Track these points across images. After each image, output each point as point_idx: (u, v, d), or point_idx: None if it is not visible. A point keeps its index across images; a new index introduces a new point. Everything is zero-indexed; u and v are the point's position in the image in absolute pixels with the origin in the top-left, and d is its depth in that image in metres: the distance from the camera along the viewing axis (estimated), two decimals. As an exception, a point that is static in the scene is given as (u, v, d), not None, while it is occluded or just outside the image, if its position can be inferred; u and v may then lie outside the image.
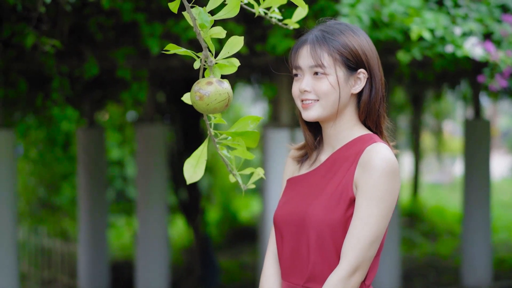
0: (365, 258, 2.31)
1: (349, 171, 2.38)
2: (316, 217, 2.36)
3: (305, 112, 2.44)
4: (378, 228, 2.31)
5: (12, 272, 6.24)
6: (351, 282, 2.30)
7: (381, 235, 2.33)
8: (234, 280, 9.94)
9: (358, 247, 2.30)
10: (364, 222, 2.30)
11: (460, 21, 4.88)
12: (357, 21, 4.57)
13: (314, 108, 2.42)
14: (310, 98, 2.41)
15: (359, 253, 2.30)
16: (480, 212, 8.75)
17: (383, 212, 2.31)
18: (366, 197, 2.31)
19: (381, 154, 2.33)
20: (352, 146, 2.43)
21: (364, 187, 2.32)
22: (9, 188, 6.23)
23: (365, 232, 2.30)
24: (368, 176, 2.32)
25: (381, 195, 2.30)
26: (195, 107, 2.08)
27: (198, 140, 9.64)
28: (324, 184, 2.42)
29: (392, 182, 2.32)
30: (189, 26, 5.21)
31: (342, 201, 2.35)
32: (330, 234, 2.34)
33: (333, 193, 2.38)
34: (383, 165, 2.31)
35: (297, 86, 2.45)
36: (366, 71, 2.43)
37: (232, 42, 2.09)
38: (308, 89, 2.41)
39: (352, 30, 2.44)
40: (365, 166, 2.33)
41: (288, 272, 2.47)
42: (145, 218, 8.16)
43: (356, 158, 2.38)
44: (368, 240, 2.30)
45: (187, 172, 2.18)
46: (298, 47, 2.46)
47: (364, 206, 2.31)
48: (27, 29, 4.52)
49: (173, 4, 2.05)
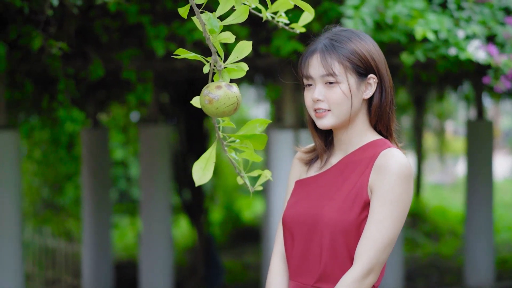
0: (379, 261, 2.35)
1: (363, 174, 2.42)
2: (331, 218, 2.39)
3: (319, 121, 2.46)
4: (393, 231, 2.36)
5: (17, 272, 6.27)
6: (364, 283, 2.34)
7: (395, 238, 2.37)
8: (237, 280, 9.97)
9: (373, 249, 2.34)
10: (379, 225, 2.34)
11: (463, 23, 4.91)
12: (361, 23, 4.60)
13: (328, 117, 2.45)
14: (323, 107, 2.44)
15: (373, 255, 2.34)
16: (483, 212, 8.78)
17: (398, 215, 2.36)
18: (381, 201, 2.35)
19: (396, 158, 2.38)
20: (366, 150, 2.47)
21: (379, 190, 2.36)
22: (14, 188, 6.26)
23: (380, 234, 2.34)
24: (384, 180, 2.36)
25: (396, 199, 2.35)
26: (205, 110, 2.11)
27: (202, 141, 9.67)
28: (338, 187, 2.45)
29: (407, 186, 2.37)
30: (194, 28, 5.24)
31: (357, 204, 2.39)
32: (343, 236, 2.38)
33: (347, 196, 2.41)
34: (399, 169, 2.36)
35: (310, 95, 2.47)
36: (375, 76, 2.47)
37: (241, 47, 2.12)
38: (321, 98, 2.44)
39: (358, 36, 2.47)
40: (381, 170, 2.38)
41: (297, 272, 2.50)
42: (149, 219, 8.20)
43: (371, 162, 2.42)
44: (383, 242, 2.34)
45: (196, 174, 2.21)
46: (308, 57, 2.48)
47: (379, 209, 2.35)
48: (34, 32, 4.56)
49: (183, 9, 2.09)
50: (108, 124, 10.52)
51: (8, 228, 6.23)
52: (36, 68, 5.97)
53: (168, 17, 5.52)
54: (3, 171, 6.21)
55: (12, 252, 6.24)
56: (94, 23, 5.36)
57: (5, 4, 4.59)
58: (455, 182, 18.60)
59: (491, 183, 8.90)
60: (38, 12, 4.35)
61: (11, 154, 6.23)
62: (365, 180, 2.41)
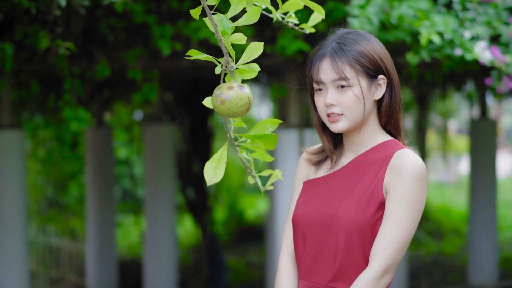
0: (395, 261, 2.37)
1: (378, 175, 2.44)
2: (346, 218, 2.41)
3: (333, 126, 2.47)
4: (409, 231, 2.38)
5: (23, 271, 6.29)
6: (381, 283, 2.36)
7: (410, 238, 2.39)
8: (241, 279, 9.99)
9: (390, 250, 2.36)
10: (396, 225, 2.36)
11: (468, 24, 4.92)
12: (367, 23, 4.61)
13: (341, 121, 2.46)
14: (336, 111, 2.45)
15: (390, 256, 2.36)
16: (486, 211, 8.79)
17: (414, 215, 2.38)
18: (398, 201, 2.37)
19: (411, 159, 2.40)
20: (378, 151, 2.49)
21: (396, 191, 2.38)
22: (19, 187, 6.28)
23: (397, 235, 2.36)
24: (400, 181, 2.38)
25: (412, 199, 2.38)
26: (216, 111, 2.12)
27: (206, 140, 9.69)
28: (351, 187, 2.47)
29: (423, 186, 2.39)
30: (199, 28, 5.26)
31: (372, 204, 2.41)
32: (358, 236, 2.39)
33: (362, 196, 2.43)
34: (414, 170, 2.38)
35: (322, 100, 2.48)
36: (385, 76, 2.48)
37: (253, 47, 2.14)
38: (334, 102, 2.44)
39: (365, 38, 2.49)
40: (396, 171, 2.40)
41: (309, 272, 2.51)
42: (153, 217, 8.22)
43: (385, 163, 2.44)
44: (399, 243, 2.37)
45: (207, 174, 2.23)
46: (318, 62, 2.48)
47: (396, 209, 2.37)
48: (41, 32, 4.57)
49: (195, 10, 2.10)
50: (112, 123, 10.54)
51: (13, 227, 6.26)
52: (41, 68, 5.98)
53: (173, 17, 5.53)
54: (9, 170, 6.23)
55: (17, 251, 6.26)
56: (100, 23, 5.38)
57: (12, 4, 4.60)
58: (458, 181, 18.61)
59: (495, 181, 8.91)
60: (45, 12, 4.36)
61: (17, 153, 6.25)
62: (380, 180, 2.42)
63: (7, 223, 6.23)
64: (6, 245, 6.22)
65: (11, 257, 6.22)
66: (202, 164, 9.68)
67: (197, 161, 9.70)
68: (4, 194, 6.23)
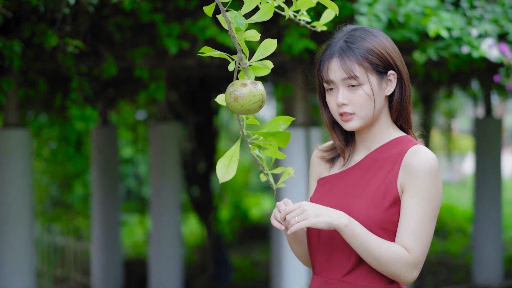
0: (424, 256, 2.39)
1: (392, 171, 2.44)
2: (361, 214, 2.41)
3: (346, 125, 2.47)
4: (432, 227, 2.40)
5: (29, 271, 6.29)
6: (412, 274, 2.38)
7: (432, 234, 2.41)
8: (246, 278, 10.00)
9: (419, 246, 2.38)
10: (420, 224, 2.37)
11: (476, 22, 4.91)
12: (375, 20, 4.61)
13: (354, 120, 2.46)
14: (348, 110, 2.45)
15: (422, 250, 2.38)
16: (491, 210, 8.79)
17: (435, 210, 2.40)
18: (417, 199, 2.38)
19: (424, 155, 2.41)
20: (391, 147, 2.49)
21: (413, 189, 2.39)
22: (26, 186, 6.28)
23: (425, 232, 2.38)
24: (417, 178, 2.39)
25: (431, 195, 2.39)
26: (230, 108, 2.12)
27: (211, 138, 9.69)
28: (365, 183, 2.47)
29: (438, 181, 2.40)
30: (206, 26, 5.26)
31: (386, 200, 2.41)
32: (372, 231, 2.40)
33: (376, 192, 2.43)
34: (429, 165, 2.39)
35: (333, 99, 2.48)
36: (395, 71, 2.48)
37: (266, 44, 2.15)
38: (346, 101, 2.44)
39: (372, 34, 2.48)
40: (411, 168, 2.40)
41: (323, 267, 2.52)
42: (158, 217, 8.22)
43: (399, 160, 2.44)
44: (427, 240, 2.39)
45: (220, 171, 2.23)
46: (326, 61, 2.47)
47: (416, 207, 2.38)
48: (49, 30, 4.57)
49: (208, 8, 2.11)
50: (117, 122, 10.55)
51: (19, 225, 6.26)
52: (48, 67, 5.99)
53: (180, 15, 5.54)
54: (15, 169, 6.23)
55: (24, 250, 6.26)
56: (106, 21, 5.38)
57: (20, 2, 4.61)
58: (462, 180, 18.60)
59: (500, 181, 8.91)
60: (54, 10, 4.37)
61: (23, 152, 6.25)
62: (394, 177, 2.43)
63: (14, 222, 6.23)
64: (13, 244, 6.22)
65: (17, 257, 6.22)
66: (207, 163, 9.69)
67: (201, 160, 9.70)
68: (10, 193, 6.23)
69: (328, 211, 2.36)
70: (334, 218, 2.35)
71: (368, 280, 2.44)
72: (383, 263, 2.36)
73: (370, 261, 2.38)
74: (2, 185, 6.19)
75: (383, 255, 2.35)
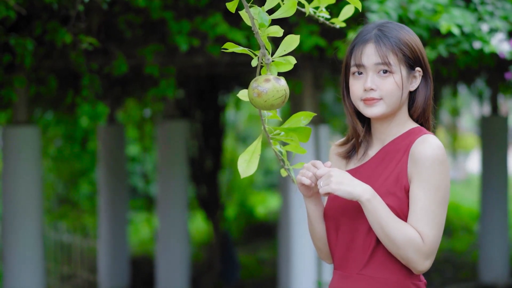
0: (437, 245, 2.40)
1: (401, 161, 2.46)
2: None
3: (369, 109, 2.49)
4: (443, 216, 2.41)
5: (38, 269, 6.29)
6: (425, 265, 2.40)
7: (444, 221, 2.42)
8: (253, 276, 10.01)
9: (431, 234, 2.39)
10: (429, 212, 2.39)
11: (487, 18, 4.92)
12: (386, 17, 4.62)
13: (378, 106, 2.48)
14: (375, 96, 2.47)
15: (433, 238, 2.39)
16: (497, 208, 8.79)
17: (444, 198, 2.42)
18: (425, 188, 2.40)
19: (430, 145, 2.42)
20: (404, 139, 2.51)
21: (420, 178, 2.40)
22: (35, 184, 6.29)
23: (435, 220, 2.39)
24: (423, 167, 2.40)
25: (438, 184, 2.40)
26: (253, 103, 2.14)
27: (218, 136, 9.70)
28: (377, 176, 2.50)
29: (445, 169, 2.42)
30: (216, 24, 5.27)
31: (398, 189, 2.44)
32: None
33: (388, 183, 2.46)
34: (434, 155, 2.41)
35: (360, 84, 2.49)
36: (421, 68, 2.51)
37: (288, 40, 2.16)
38: (374, 87, 2.46)
39: (404, 28, 2.52)
40: (418, 157, 2.42)
41: (342, 262, 2.54)
42: (165, 214, 8.23)
43: (407, 149, 2.46)
44: (439, 228, 2.40)
45: (241, 167, 2.25)
46: (361, 45, 2.49)
47: (425, 196, 2.39)
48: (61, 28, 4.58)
49: (231, 4, 2.12)
50: (123, 120, 10.57)
51: (29, 223, 6.27)
52: (59, 64, 6.00)
53: (190, 13, 5.55)
54: (25, 167, 6.24)
55: (32, 248, 6.27)
56: (117, 18, 5.39)
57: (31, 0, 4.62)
58: (467, 178, 18.59)
59: (506, 179, 8.91)
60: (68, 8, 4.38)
61: (33, 150, 6.26)
62: (403, 166, 2.45)
63: (23, 220, 6.24)
64: (21, 242, 6.23)
65: (26, 254, 6.23)
66: (214, 161, 9.70)
67: (209, 158, 9.71)
68: (20, 191, 6.23)
69: (352, 181, 2.39)
70: (356, 189, 2.38)
71: (385, 272, 2.46)
72: (398, 245, 2.37)
73: (386, 242, 2.39)
74: (11, 183, 6.20)
75: (399, 237, 2.37)
